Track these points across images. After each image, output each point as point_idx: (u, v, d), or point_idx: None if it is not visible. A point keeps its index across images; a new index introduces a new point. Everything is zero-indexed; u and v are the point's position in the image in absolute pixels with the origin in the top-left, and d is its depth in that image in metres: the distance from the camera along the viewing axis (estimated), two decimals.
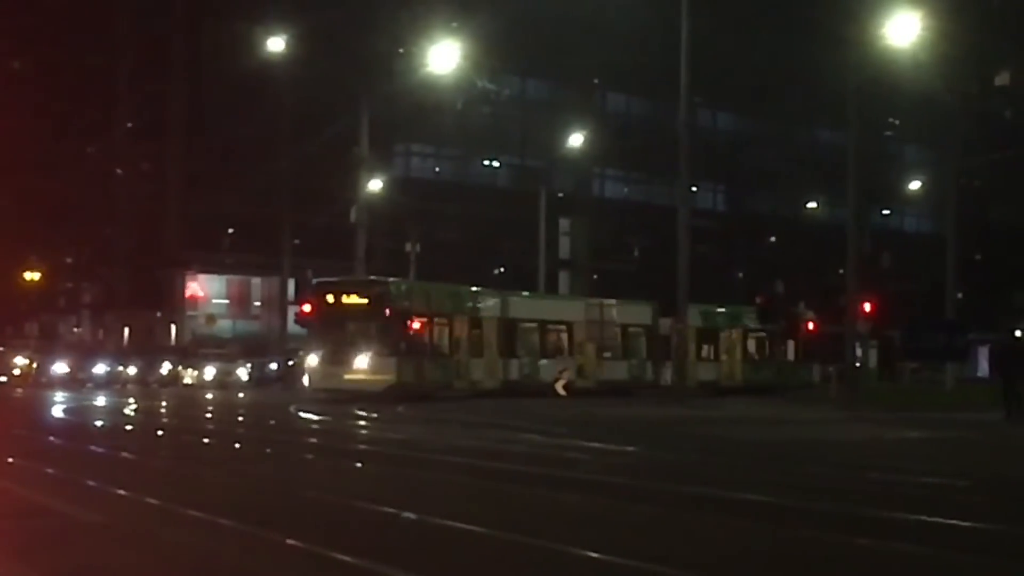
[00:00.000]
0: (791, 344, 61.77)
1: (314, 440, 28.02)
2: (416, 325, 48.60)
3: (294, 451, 24.32)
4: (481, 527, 13.53)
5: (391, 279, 52.17)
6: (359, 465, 22.01)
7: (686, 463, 22.96)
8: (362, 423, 34.38)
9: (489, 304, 53.39)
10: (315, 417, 35.06)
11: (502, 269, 78.14)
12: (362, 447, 26.87)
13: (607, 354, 55.99)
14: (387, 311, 47.42)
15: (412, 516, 14.27)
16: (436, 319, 50.24)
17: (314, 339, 49.41)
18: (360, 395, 44.54)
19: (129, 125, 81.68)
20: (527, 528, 13.58)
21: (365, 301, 47.98)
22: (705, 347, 61.16)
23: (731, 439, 29.10)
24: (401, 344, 47.48)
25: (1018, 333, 68.52)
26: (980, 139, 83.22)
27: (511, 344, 53.34)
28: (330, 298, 48.32)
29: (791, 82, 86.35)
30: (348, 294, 48.54)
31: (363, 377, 46.31)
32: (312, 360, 48.51)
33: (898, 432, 30.92)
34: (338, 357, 47.04)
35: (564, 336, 55.46)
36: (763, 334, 62.14)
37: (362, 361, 46.80)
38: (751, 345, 63.81)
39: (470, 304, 52.78)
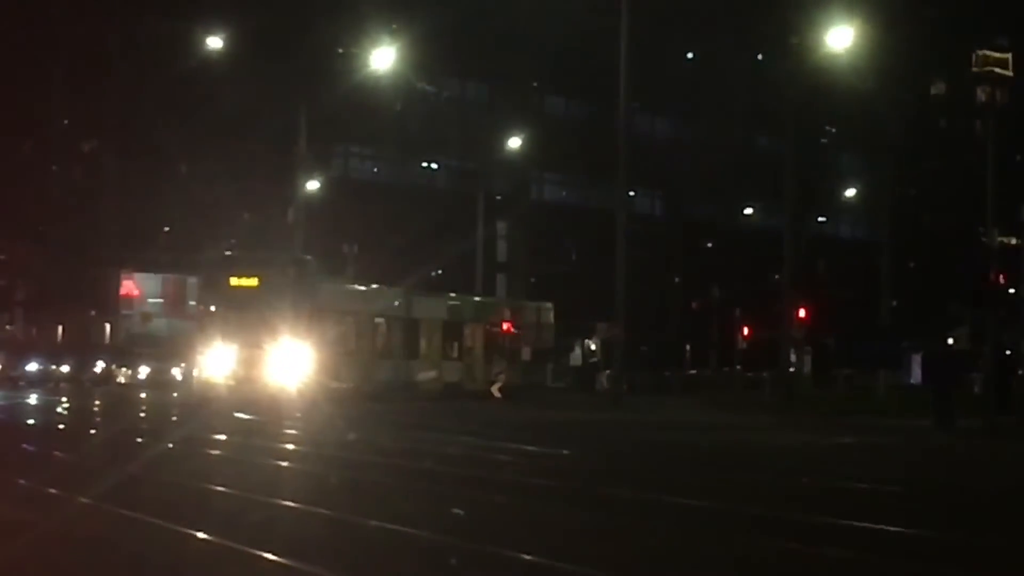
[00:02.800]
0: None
1: (248, 441, 27.87)
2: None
3: (228, 452, 24.21)
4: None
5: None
6: (285, 464, 21.96)
7: (619, 467, 23.02)
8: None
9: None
10: (248, 417, 34.82)
11: (440, 272, 78.12)
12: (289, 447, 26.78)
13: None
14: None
15: (331, 514, 14.30)
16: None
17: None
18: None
19: (65, 122, 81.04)
20: (459, 530, 13.60)
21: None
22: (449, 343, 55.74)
23: (664, 443, 29.19)
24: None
25: (951, 341, 69.22)
26: (915, 148, 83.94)
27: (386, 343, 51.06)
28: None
29: (730, 89, 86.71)
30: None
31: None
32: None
33: (831, 438, 31.11)
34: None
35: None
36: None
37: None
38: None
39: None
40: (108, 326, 77.95)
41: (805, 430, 33.90)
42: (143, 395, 53.22)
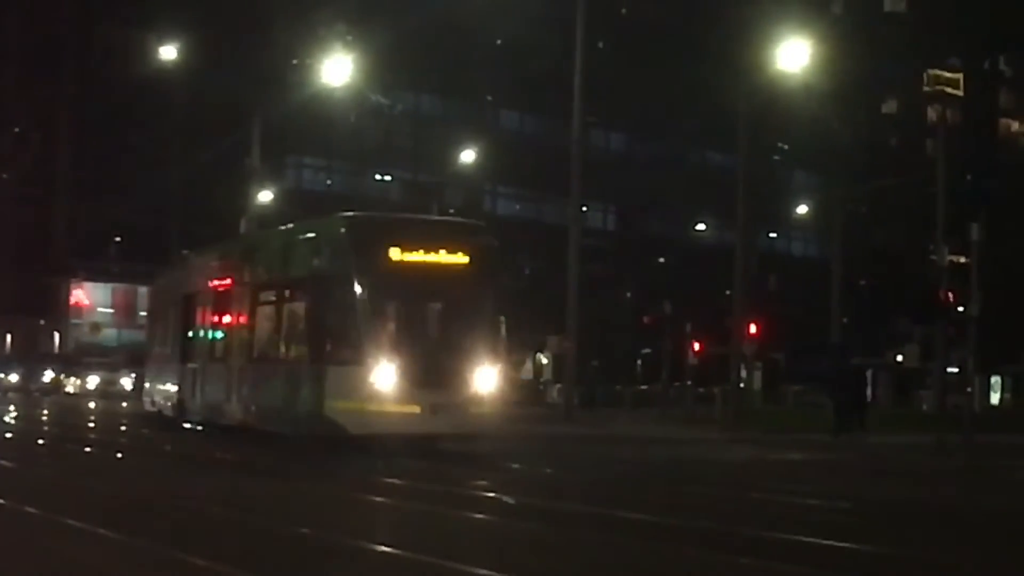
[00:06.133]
0: None
1: (202, 452, 27.76)
2: None
3: (176, 462, 24.12)
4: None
5: None
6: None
7: (567, 481, 23.05)
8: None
9: None
10: (199, 428, 34.60)
11: None
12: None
13: None
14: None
15: (305, 531, 14.26)
16: None
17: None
18: None
19: (16, 130, 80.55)
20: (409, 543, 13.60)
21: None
22: None
23: (612, 458, 29.22)
24: None
25: (900, 357, 69.65)
26: (866, 165, 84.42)
27: None
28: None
29: (683, 105, 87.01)
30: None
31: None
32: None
33: (780, 453, 31.23)
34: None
35: None
36: None
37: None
38: None
39: None
40: (57, 335, 77.53)
41: (755, 445, 34.02)
42: (91, 405, 52.88)
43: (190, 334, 34.62)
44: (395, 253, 26.19)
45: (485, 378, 26.09)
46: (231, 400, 30.94)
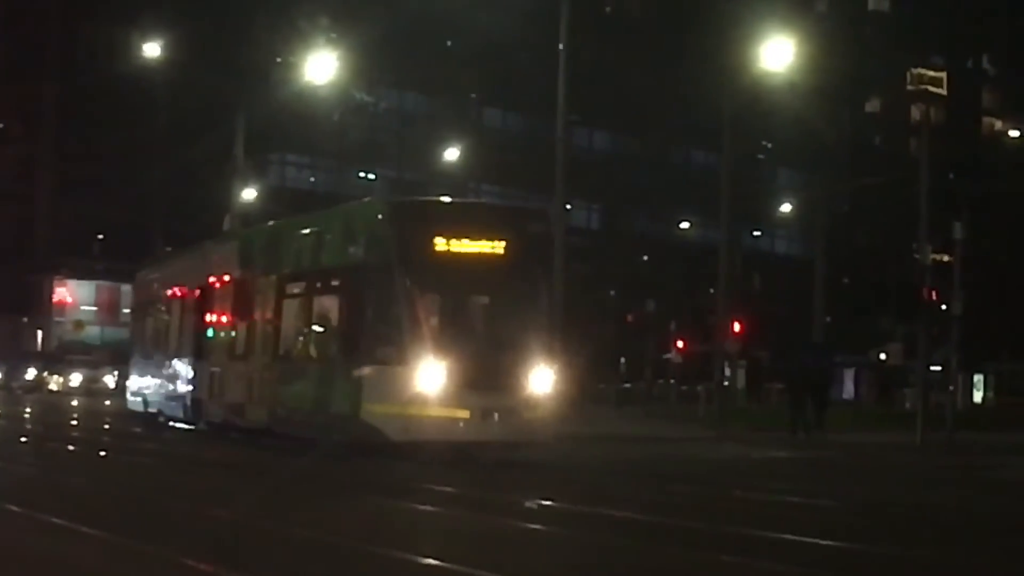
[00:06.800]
0: None
1: (179, 451, 27.73)
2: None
3: (159, 460, 24.08)
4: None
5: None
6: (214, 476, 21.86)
7: (552, 478, 23.03)
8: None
9: None
10: (182, 426, 34.51)
11: None
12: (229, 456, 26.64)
13: None
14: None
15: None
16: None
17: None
18: None
19: (0, 126, 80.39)
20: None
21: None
22: None
23: (598, 456, 29.20)
24: None
25: (883, 356, 69.74)
26: (850, 164, 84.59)
27: None
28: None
29: (667, 104, 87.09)
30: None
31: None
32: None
33: (764, 452, 31.28)
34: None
35: None
36: None
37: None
38: None
39: None
40: (40, 333, 77.34)
41: (739, 444, 34.06)
42: (74, 403, 52.79)
43: (207, 329, 31.76)
44: (440, 241, 23.81)
45: (540, 379, 23.72)
46: (254, 401, 28.38)
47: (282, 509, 16.14)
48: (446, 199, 28.46)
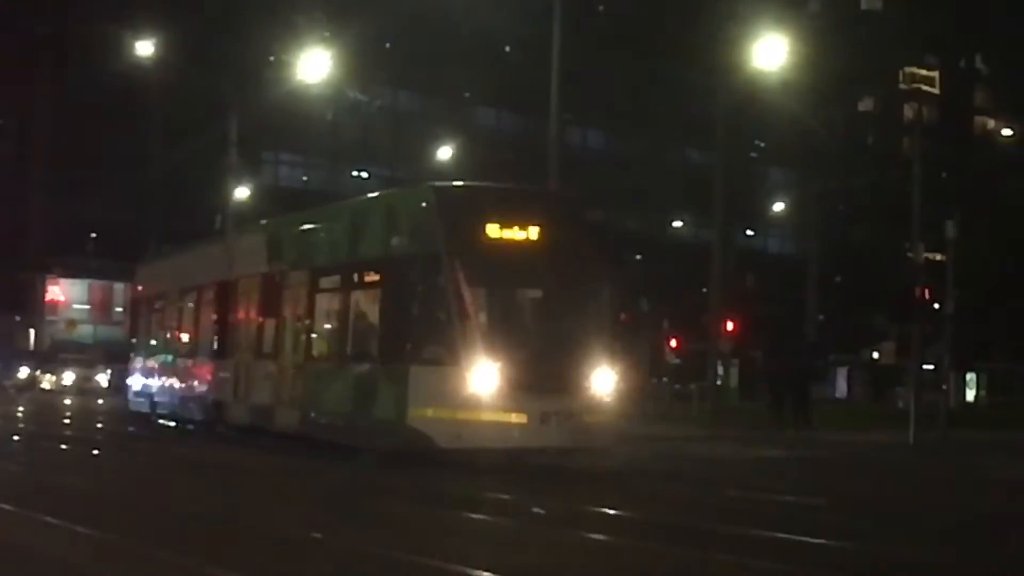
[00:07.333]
0: None
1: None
2: None
3: (153, 458, 24.05)
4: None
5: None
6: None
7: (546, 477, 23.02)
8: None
9: None
10: (172, 424, 34.39)
11: None
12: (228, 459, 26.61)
13: None
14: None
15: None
16: None
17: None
18: None
19: None
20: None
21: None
22: None
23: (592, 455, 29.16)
24: None
25: (876, 355, 69.81)
26: (843, 162, 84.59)
27: None
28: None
29: (660, 103, 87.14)
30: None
31: None
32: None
33: (758, 451, 31.29)
34: None
35: None
36: None
37: None
38: None
39: None
40: (33, 331, 77.28)
41: (733, 443, 34.07)
42: (67, 401, 52.74)
43: (229, 326, 29.91)
44: (493, 228, 21.86)
45: (602, 381, 21.84)
46: (284, 404, 26.45)
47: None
48: (495, 184, 25.97)
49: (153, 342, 36.51)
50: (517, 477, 21.07)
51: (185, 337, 33.35)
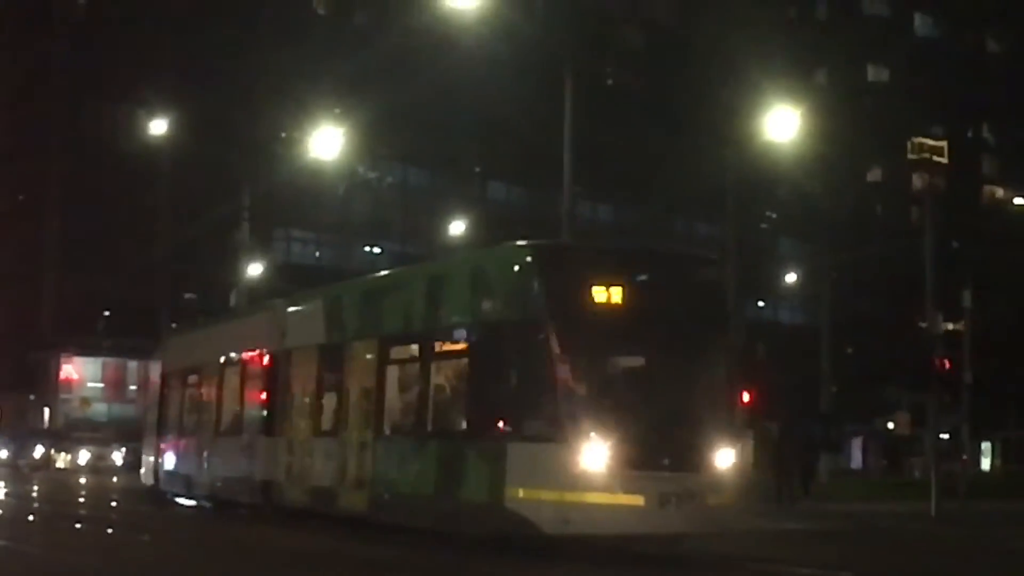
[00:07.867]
0: None
1: (191, 527, 27.61)
2: None
3: (170, 537, 23.96)
4: None
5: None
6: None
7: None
8: None
9: None
10: (187, 502, 34.18)
11: None
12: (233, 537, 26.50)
13: None
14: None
15: None
16: None
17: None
18: None
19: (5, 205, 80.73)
20: None
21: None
22: None
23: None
24: None
25: (890, 425, 69.64)
26: (852, 233, 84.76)
27: None
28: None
29: (670, 175, 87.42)
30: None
31: None
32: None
33: (776, 523, 31.15)
34: None
35: None
36: None
37: None
38: None
39: None
40: (47, 410, 77.29)
41: (751, 515, 33.91)
42: (82, 480, 52.63)
43: (280, 401, 27.75)
44: (600, 291, 19.87)
45: (724, 456, 19.81)
46: (348, 484, 24.21)
47: None
48: (597, 243, 23.24)
49: (187, 418, 34.28)
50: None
51: (227, 413, 31.13)
